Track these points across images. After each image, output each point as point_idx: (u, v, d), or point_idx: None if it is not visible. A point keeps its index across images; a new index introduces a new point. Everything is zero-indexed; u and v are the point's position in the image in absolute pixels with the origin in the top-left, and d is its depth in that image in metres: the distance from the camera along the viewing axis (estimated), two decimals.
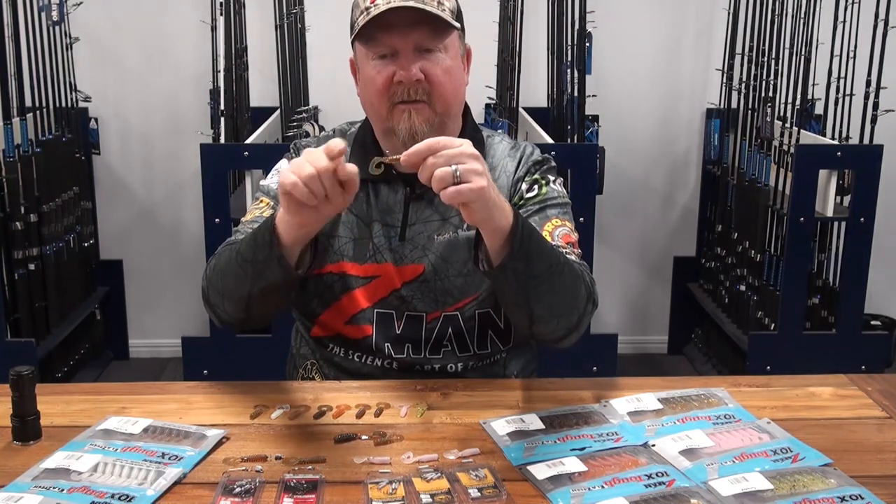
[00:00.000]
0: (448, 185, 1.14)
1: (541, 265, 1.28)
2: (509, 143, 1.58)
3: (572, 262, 1.38)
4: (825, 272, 3.16)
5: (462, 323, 1.50)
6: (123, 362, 3.60)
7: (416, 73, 1.38)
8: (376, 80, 1.40)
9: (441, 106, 1.42)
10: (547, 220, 1.46)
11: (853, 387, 1.45)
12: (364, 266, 1.49)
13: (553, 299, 1.32)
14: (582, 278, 1.37)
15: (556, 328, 1.37)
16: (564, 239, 1.45)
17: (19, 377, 1.23)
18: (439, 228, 1.48)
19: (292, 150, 1.58)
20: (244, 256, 1.34)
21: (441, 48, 1.41)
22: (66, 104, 3.17)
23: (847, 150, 2.84)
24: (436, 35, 1.39)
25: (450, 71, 1.42)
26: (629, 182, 3.61)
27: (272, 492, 1.11)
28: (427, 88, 1.40)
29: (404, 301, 1.49)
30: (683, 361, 3.66)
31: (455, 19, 1.41)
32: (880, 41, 2.86)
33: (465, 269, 1.47)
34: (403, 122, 1.40)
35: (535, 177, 1.51)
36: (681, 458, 1.19)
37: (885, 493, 1.11)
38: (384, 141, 1.49)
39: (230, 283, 1.38)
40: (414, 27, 1.37)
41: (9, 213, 2.86)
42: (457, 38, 1.44)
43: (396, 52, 1.39)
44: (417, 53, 1.39)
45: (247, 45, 3.22)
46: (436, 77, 1.40)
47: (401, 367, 1.51)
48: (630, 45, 3.49)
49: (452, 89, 1.43)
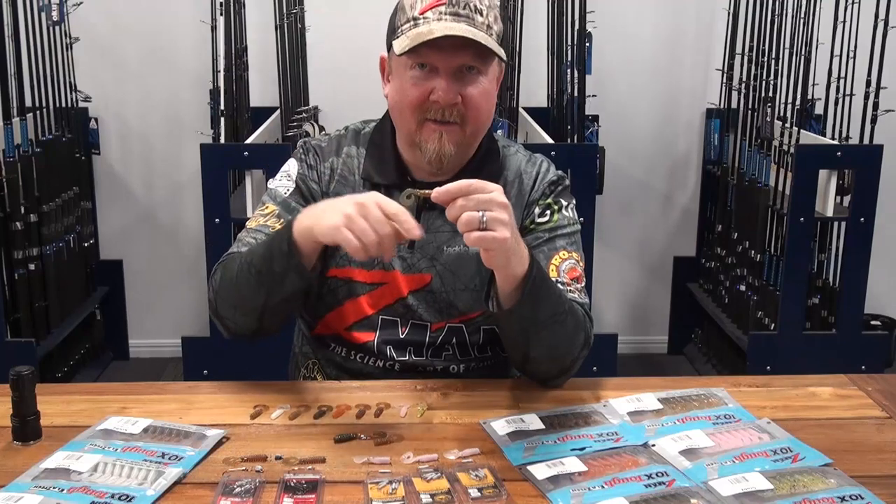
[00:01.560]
0: (473, 229, 1.16)
1: (546, 312, 1.30)
2: (525, 156, 1.56)
3: (576, 306, 1.39)
4: (825, 272, 3.16)
5: (467, 336, 1.50)
6: (123, 362, 3.60)
7: (455, 98, 1.36)
8: (411, 93, 1.38)
9: (472, 128, 1.41)
10: (555, 252, 1.46)
11: (853, 387, 1.45)
12: (371, 272, 1.48)
13: (551, 344, 1.36)
14: (583, 326, 1.39)
15: (548, 370, 1.41)
16: (570, 274, 1.45)
17: (19, 377, 1.23)
18: (450, 240, 1.47)
19: (301, 149, 1.55)
20: (258, 268, 1.34)
21: (482, 71, 1.38)
22: (66, 104, 3.17)
23: (847, 150, 2.84)
24: (480, 60, 1.37)
25: (487, 94, 1.40)
26: (629, 182, 3.61)
27: (272, 492, 1.11)
28: (462, 111, 1.38)
29: (410, 309, 1.49)
30: (683, 361, 3.66)
31: (500, 43, 1.38)
32: (880, 41, 2.86)
33: (472, 285, 1.47)
34: (432, 142, 1.39)
35: (548, 201, 1.50)
36: (681, 458, 1.19)
37: (885, 493, 1.11)
38: (406, 150, 1.47)
39: (244, 295, 1.38)
40: (460, 49, 1.34)
41: (9, 213, 2.86)
42: (497, 63, 1.42)
43: (436, 69, 1.36)
44: (458, 75, 1.37)
45: (247, 45, 3.22)
46: (473, 101, 1.38)
47: (403, 369, 1.51)
48: (630, 46, 3.49)
49: (486, 113, 1.43)
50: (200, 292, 3.30)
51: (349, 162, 1.51)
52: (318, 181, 1.51)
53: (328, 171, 1.51)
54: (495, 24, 1.37)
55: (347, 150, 1.52)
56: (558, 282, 1.43)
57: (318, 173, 1.51)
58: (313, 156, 1.53)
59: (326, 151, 1.53)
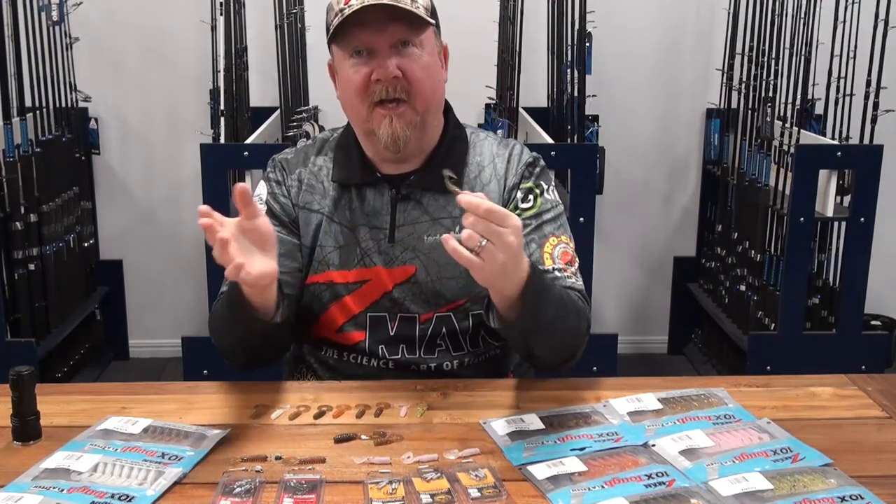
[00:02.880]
0: (468, 248, 1.14)
1: (546, 317, 1.30)
2: (496, 139, 1.56)
3: (574, 296, 1.40)
4: (825, 272, 3.16)
5: (456, 323, 1.50)
6: (123, 362, 3.60)
7: (393, 70, 1.38)
8: (354, 79, 1.40)
9: (421, 104, 1.42)
10: (545, 240, 1.46)
11: (853, 387, 1.45)
12: (352, 272, 1.49)
13: (554, 341, 1.36)
14: (584, 315, 1.40)
15: (554, 360, 1.41)
16: (563, 258, 1.45)
17: (19, 377, 1.23)
18: (429, 229, 1.48)
19: (269, 167, 1.57)
20: (223, 315, 1.40)
21: (417, 44, 1.40)
22: (66, 104, 3.17)
23: (847, 150, 2.84)
24: (411, 30, 1.39)
25: (427, 67, 1.42)
26: (629, 182, 3.61)
27: (272, 492, 1.11)
28: (406, 86, 1.39)
29: (396, 303, 1.49)
30: (683, 361, 3.66)
31: (430, 16, 1.41)
32: (880, 41, 2.86)
33: (456, 272, 1.46)
34: (384, 127, 1.40)
35: (529, 185, 1.50)
36: (681, 458, 1.19)
37: (885, 493, 1.11)
38: (366, 143, 1.49)
39: (223, 335, 1.44)
40: (388, 24, 1.37)
41: (9, 213, 2.86)
42: (433, 35, 1.44)
43: (373, 51, 1.39)
44: (394, 51, 1.39)
45: (247, 45, 3.22)
46: (414, 74, 1.39)
47: (397, 367, 1.51)
48: (630, 45, 3.49)
49: (431, 86, 1.43)
50: (200, 292, 3.30)
51: (315, 171, 1.53)
52: (287, 195, 1.53)
53: (296, 182, 1.53)
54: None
55: (314, 159, 1.55)
56: (554, 269, 1.43)
57: (286, 187, 1.53)
58: (280, 171, 1.55)
59: (293, 163, 1.55)
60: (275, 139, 3.15)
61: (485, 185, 1.50)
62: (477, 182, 1.50)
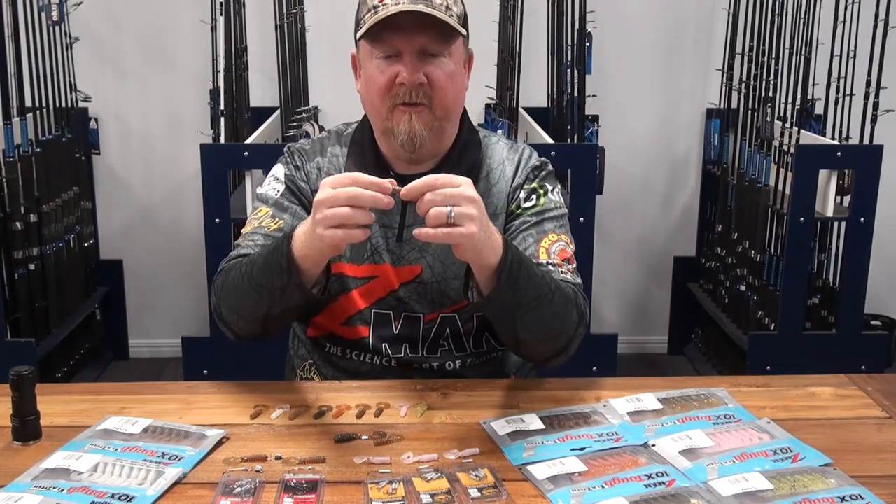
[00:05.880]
0: (441, 224, 1.15)
1: (528, 295, 1.29)
2: (507, 143, 1.57)
3: (565, 286, 1.39)
4: (825, 272, 3.16)
5: (460, 325, 1.50)
6: (123, 362, 3.60)
7: (419, 77, 1.38)
8: (378, 79, 1.40)
9: (441, 111, 1.42)
10: (544, 235, 1.47)
11: (853, 387, 1.45)
12: (362, 267, 1.49)
13: (540, 326, 1.34)
14: (574, 302, 1.38)
15: (542, 351, 1.40)
16: (561, 255, 1.45)
17: (19, 377, 1.23)
18: None
19: (286, 153, 1.57)
20: (259, 281, 1.33)
21: (446, 53, 1.40)
22: (66, 104, 3.16)
23: (847, 150, 2.84)
24: (442, 40, 1.39)
25: (452, 76, 1.41)
26: (629, 182, 3.61)
27: (272, 492, 1.11)
28: (429, 92, 1.39)
29: (402, 302, 1.49)
30: (683, 361, 3.65)
31: (462, 25, 1.41)
32: (880, 41, 2.85)
33: (462, 273, 1.46)
34: (403, 124, 1.40)
35: (533, 185, 1.51)
36: (681, 458, 1.19)
37: (885, 493, 1.11)
38: (382, 141, 1.48)
39: (247, 305, 1.38)
40: (420, 30, 1.36)
41: (9, 213, 2.86)
42: (461, 44, 1.44)
43: (400, 54, 1.38)
44: (422, 56, 1.38)
45: (247, 45, 3.22)
46: (438, 82, 1.39)
47: (399, 365, 1.51)
48: (630, 45, 3.49)
49: (454, 95, 1.43)
50: (200, 292, 3.30)
51: (334, 161, 1.53)
52: (306, 180, 1.52)
53: (315, 169, 1.53)
54: (455, 5, 1.40)
55: (332, 150, 1.54)
56: (549, 263, 1.43)
57: (306, 173, 1.53)
58: (298, 157, 1.54)
59: (311, 153, 1.55)
60: (275, 139, 3.15)
61: (492, 186, 1.50)
62: (485, 184, 1.50)
